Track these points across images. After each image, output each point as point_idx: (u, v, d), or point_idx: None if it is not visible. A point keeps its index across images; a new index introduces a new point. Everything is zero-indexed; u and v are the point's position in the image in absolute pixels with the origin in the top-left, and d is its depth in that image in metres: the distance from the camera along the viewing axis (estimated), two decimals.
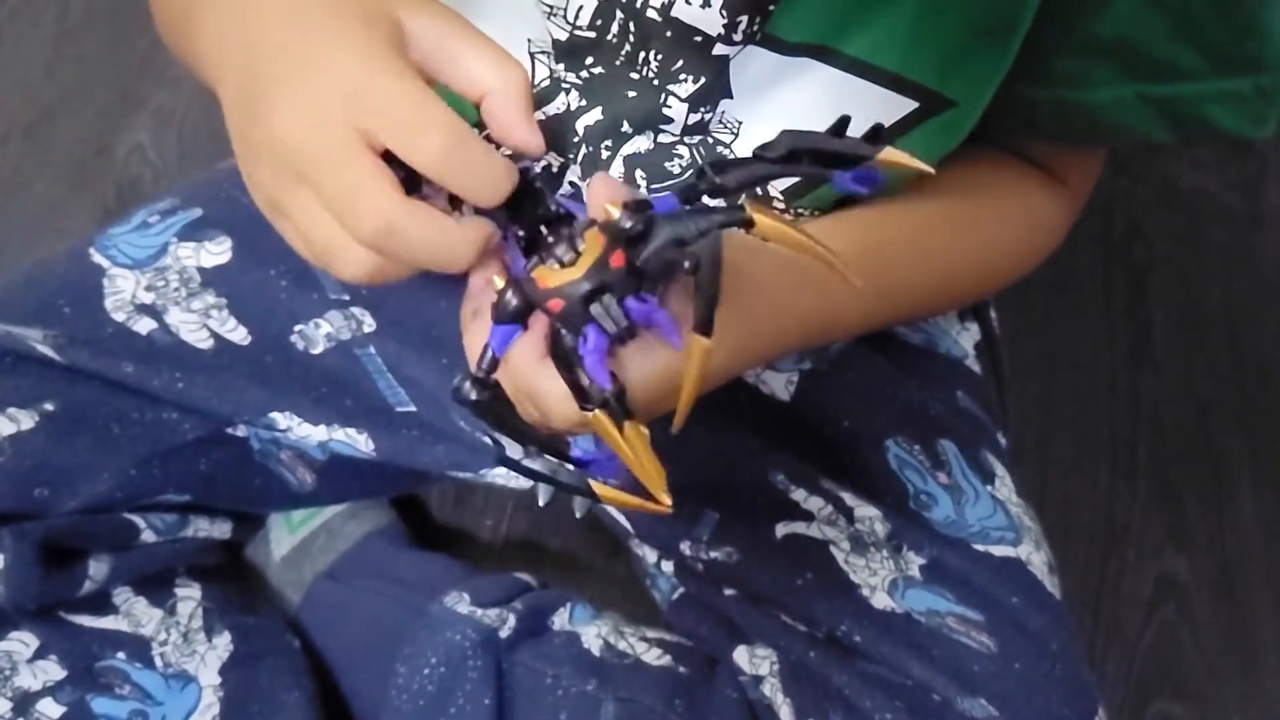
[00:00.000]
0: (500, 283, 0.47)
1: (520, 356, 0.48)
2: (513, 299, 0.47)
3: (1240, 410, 1.23)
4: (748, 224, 0.44)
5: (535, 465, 0.49)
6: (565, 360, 0.47)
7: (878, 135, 0.46)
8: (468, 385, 0.47)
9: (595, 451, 0.49)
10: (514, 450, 0.50)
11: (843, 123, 0.46)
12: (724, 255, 0.45)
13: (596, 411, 0.46)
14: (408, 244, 0.44)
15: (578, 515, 0.49)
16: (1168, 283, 1.32)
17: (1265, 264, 1.34)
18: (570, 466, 0.49)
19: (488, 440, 0.52)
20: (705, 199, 0.46)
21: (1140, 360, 1.26)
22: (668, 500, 0.46)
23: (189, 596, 0.81)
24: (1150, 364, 1.26)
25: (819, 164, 0.46)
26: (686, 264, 0.44)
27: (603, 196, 0.47)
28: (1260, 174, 1.41)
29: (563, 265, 0.46)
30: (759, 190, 0.64)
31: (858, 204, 0.66)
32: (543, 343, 0.48)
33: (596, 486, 0.48)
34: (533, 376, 0.49)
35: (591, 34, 0.61)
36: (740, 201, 0.45)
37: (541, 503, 0.52)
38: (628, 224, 0.44)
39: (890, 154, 0.46)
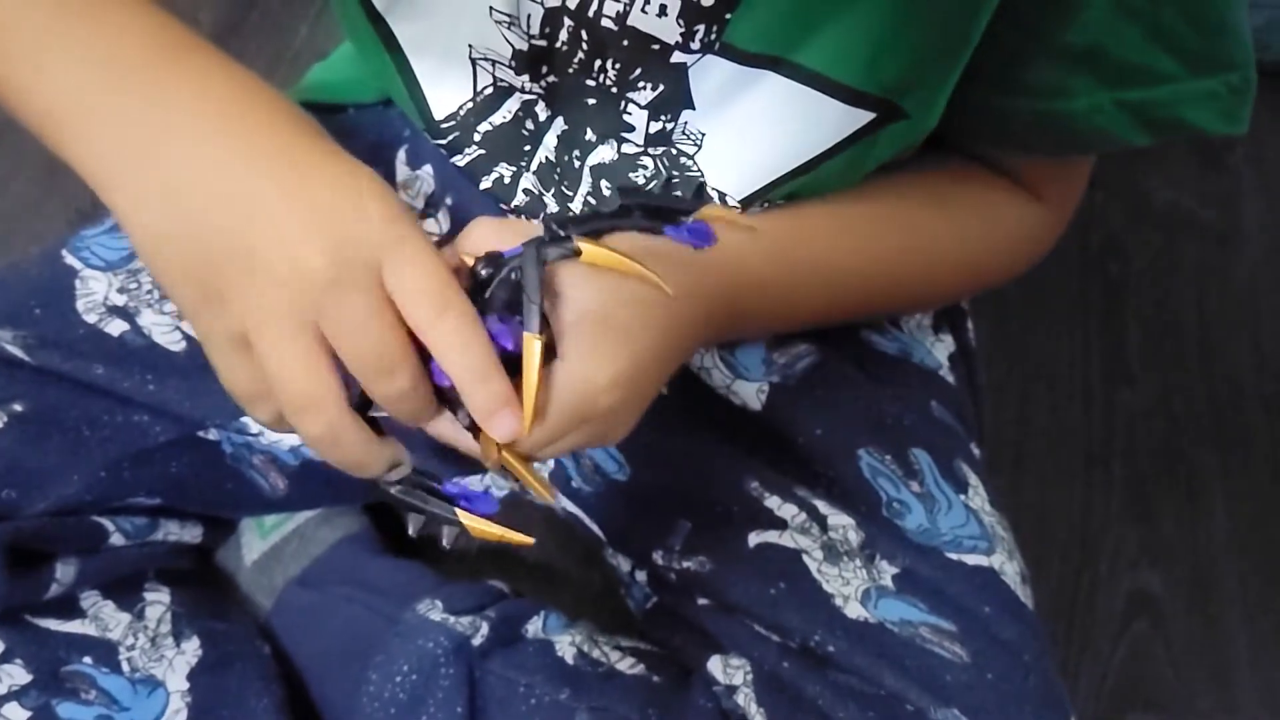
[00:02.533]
0: None
1: None
2: None
3: (1214, 425, 1.23)
4: (576, 253, 0.52)
5: (409, 497, 0.54)
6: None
7: (700, 193, 0.54)
8: None
9: (465, 486, 0.54)
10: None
11: (668, 186, 0.53)
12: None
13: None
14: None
15: (445, 545, 0.52)
16: (1143, 298, 1.33)
17: (1240, 279, 1.35)
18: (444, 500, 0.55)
19: None
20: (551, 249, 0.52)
21: (1115, 375, 1.26)
22: (530, 539, 0.53)
23: (158, 601, 0.80)
24: (1125, 378, 1.26)
25: (650, 218, 0.53)
26: (514, 275, 0.51)
27: (478, 240, 0.54)
28: (1235, 190, 1.42)
29: None
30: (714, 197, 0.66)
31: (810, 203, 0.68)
32: None
33: (463, 516, 0.53)
34: None
35: (543, 42, 0.61)
36: (570, 235, 0.52)
37: (411, 533, 0.55)
38: (482, 271, 0.52)
39: (711, 209, 0.54)
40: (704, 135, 0.63)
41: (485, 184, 0.69)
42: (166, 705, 0.76)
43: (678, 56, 0.60)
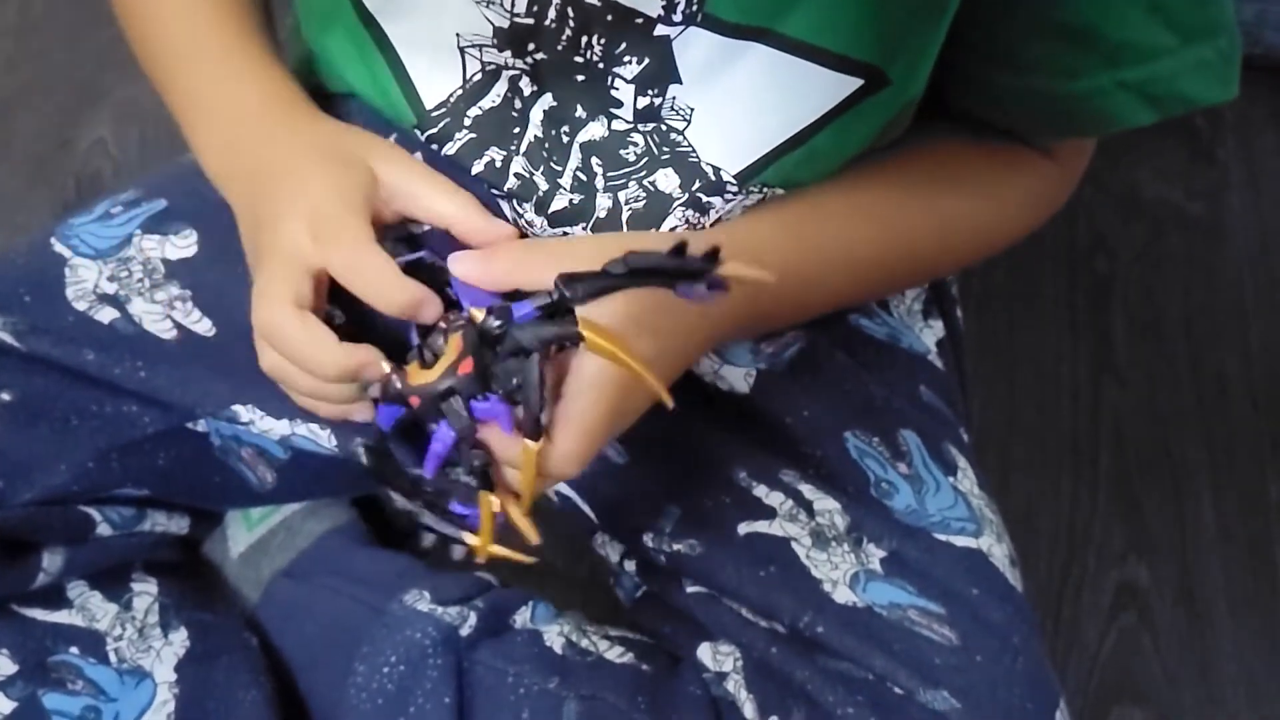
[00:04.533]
0: (386, 368, 0.58)
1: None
2: (395, 384, 0.58)
3: (1200, 419, 1.24)
4: (579, 338, 0.53)
5: (424, 514, 0.59)
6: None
7: (715, 255, 0.53)
8: (361, 450, 0.60)
9: (468, 508, 0.59)
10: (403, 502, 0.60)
11: (681, 246, 0.52)
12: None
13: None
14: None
15: (456, 559, 0.59)
16: (1130, 292, 1.33)
17: (1226, 275, 1.35)
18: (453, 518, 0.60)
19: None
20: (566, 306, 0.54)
21: (1102, 369, 1.27)
22: (530, 559, 0.59)
23: (145, 592, 0.80)
24: (1112, 373, 1.27)
25: (662, 279, 0.53)
26: (515, 381, 0.54)
27: (473, 276, 0.60)
28: (1222, 185, 1.43)
29: (425, 365, 0.56)
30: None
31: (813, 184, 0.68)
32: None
33: (468, 538, 0.58)
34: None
35: (530, 20, 0.62)
36: (576, 321, 0.54)
37: (425, 544, 0.61)
38: (492, 325, 0.54)
39: (731, 268, 0.53)
40: (692, 110, 0.64)
41: (477, 168, 0.69)
42: (154, 696, 0.75)
43: (660, 29, 0.60)
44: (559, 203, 0.69)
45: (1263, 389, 1.27)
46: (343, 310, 0.64)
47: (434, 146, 0.70)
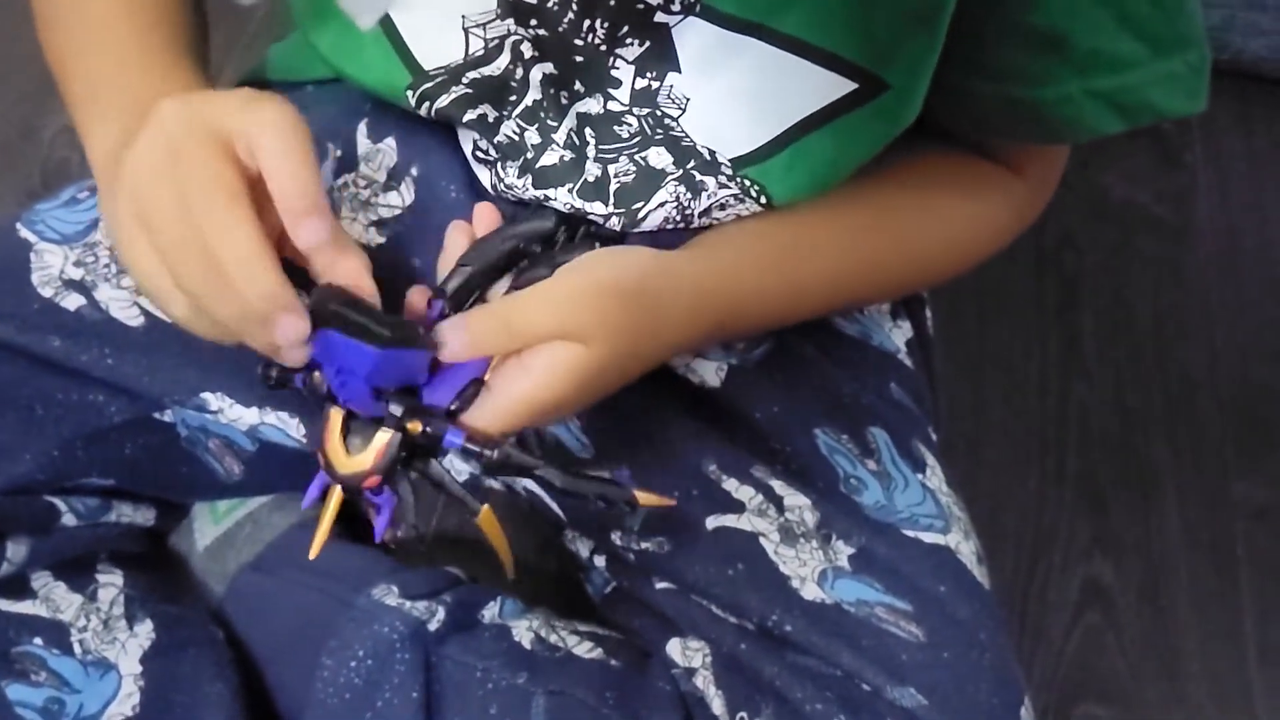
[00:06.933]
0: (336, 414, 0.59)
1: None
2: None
3: (1166, 418, 1.25)
4: (475, 515, 0.61)
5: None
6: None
7: (635, 503, 0.62)
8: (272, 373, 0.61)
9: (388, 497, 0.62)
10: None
11: (612, 479, 0.62)
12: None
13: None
14: None
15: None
16: (1098, 292, 1.34)
17: (1193, 275, 1.37)
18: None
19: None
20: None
21: (1070, 367, 1.28)
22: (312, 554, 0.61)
23: (110, 583, 0.79)
24: (1080, 371, 1.28)
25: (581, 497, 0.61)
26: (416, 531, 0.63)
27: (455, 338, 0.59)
28: (1190, 187, 1.44)
29: (348, 452, 0.58)
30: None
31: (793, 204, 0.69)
32: None
33: (332, 493, 0.61)
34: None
35: (533, 0, 0.62)
36: (479, 504, 0.61)
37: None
38: (420, 435, 0.58)
39: (645, 498, 0.62)
40: (689, 100, 0.65)
41: (470, 116, 0.69)
42: (119, 688, 0.75)
43: (660, 17, 0.61)
44: (549, 158, 0.70)
45: (1227, 389, 1.28)
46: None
47: (425, 104, 0.70)
